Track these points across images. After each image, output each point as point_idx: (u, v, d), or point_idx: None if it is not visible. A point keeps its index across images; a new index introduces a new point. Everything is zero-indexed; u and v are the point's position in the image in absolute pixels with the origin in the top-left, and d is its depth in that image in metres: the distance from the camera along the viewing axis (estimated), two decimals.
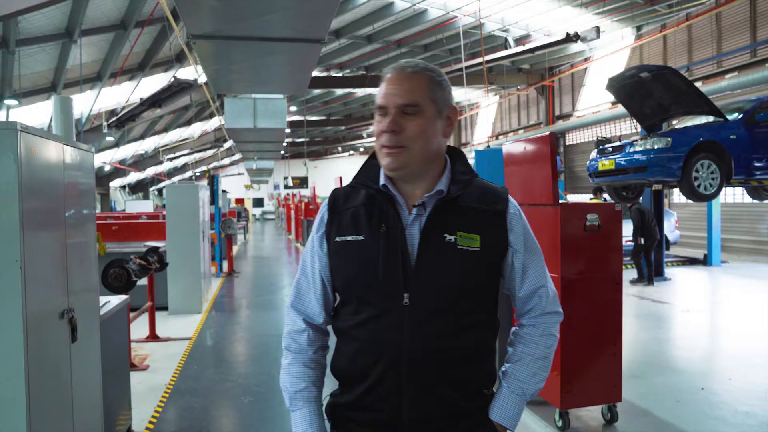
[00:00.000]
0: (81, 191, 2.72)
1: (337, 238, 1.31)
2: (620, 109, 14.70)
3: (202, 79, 11.25)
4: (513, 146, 3.99)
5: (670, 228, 11.96)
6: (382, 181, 1.29)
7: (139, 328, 6.19)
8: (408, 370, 1.23)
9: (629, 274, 10.26)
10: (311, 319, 1.39)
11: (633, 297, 8.27)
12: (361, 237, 1.28)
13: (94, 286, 2.95)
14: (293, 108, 23.87)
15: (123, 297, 3.63)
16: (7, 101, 12.17)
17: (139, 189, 37.45)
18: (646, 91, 7.41)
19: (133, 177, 33.59)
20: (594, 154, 7.90)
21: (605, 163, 7.53)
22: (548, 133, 3.45)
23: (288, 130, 26.15)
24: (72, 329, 2.54)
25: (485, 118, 26.61)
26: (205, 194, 8.80)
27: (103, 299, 3.42)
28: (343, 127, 29.74)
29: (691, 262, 11.95)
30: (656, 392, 4.34)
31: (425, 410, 1.25)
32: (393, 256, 1.24)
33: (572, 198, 18.58)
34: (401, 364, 1.22)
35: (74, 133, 3.78)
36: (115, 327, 3.46)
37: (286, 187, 31.34)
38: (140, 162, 29.07)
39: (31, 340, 2.12)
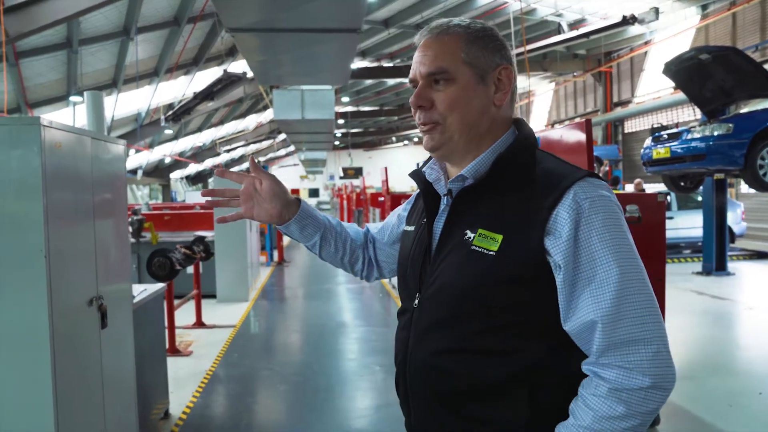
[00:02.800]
0: (110, 182, 2.80)
1: (403, 227, 1.29)
2: (683, 94, 13.93)
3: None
4: (549, 133, 3.83)
5: (736, 219, 11.27)
6: (428, 165, 1.16)
7: (187, 315, 6.39)
8: (410, 379, 1.10)
9: (691, 266, 9.76)
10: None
11: (690, 292, 7.84)
12: (411, 228, 1.21)
13: (126, 274, 3.04)
14: (346, 99, 23.99)
15: (159, 285, 3.74)
16: (72, 98, 12.82)
17: (198, 180, 38.74)
18: (706, 74, 6.99)
19: (193, 168, 34.79)
20: (648, 141, 7.54)
21: (660, 151, 7.16)
22: (584, 120, 3.29)
23: (341, 121, 26.43)
24: (102, 316, 2.62)
25: (540, 107, 25.91)
26: None
27: (140, 287, 3.54)
28: (396, 117, 29.65)
29: (759, 255, 11.23)
30: (707, 395, 4.09)
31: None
32: (418, 251, 1.13)
33: (629, 188, 17.81)
34: (406, 370, 1.11)
35: (105, 126, 3.92)
36: (151, 314, 3.57)
37: (341, 177, 31.67)
38: (199, 154, 30.04)
39: (57, 326, 2.20)
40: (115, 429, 2.78)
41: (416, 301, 1.09)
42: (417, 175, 1.18)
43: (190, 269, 6.41)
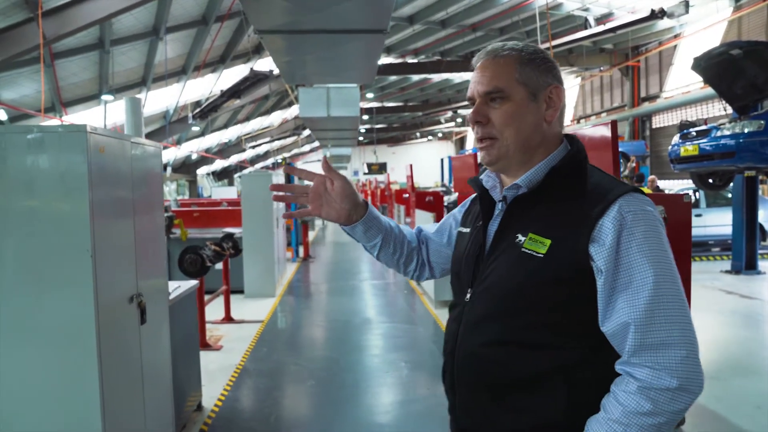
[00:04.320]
0: (148, 184, 2.92)
1: (458, 229, 1.38)
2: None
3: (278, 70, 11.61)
4: (576, 131, 3.85)
5: (767, 217, 11.03)
6: (485, 173, 1.26)
7: (216, 310, 6.56)
8: (457, 368, 1.20)
9: (720, 265, 9.61)
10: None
11: (719, 291, 7.74)
12: (467, 230, 1.32)
13: (162, 271, 3.16)
14: (370, 95, 24.07)
15: (193, 282, 3.87)
16: (104, 96, 13.15)
17: (224, 176, 39.29)
18: (737, 70, 6.87)
19: (219, 164, 35.28)
20: (676, 138, 7.45)
21: (688, 149, 7.08)
22: (610, 120, 3.30)
23: (366, 117, 26.52)
24: (141, 312, 2.75)
25: (566, 102, 25.58)
26: (279, 182, 9.15)
27: (174, 284, 3.67)
28: (421, 113, 29.66)
29: None
30: (734, 396, 4.06)
31: (473, 421, 1.18)
32: (473, 251, 1.23)
33: (661, 184, 17.54)
34: (455, 359, 1.21)
35: (143, 129, 4.07)
36: (186, 310, 3.70)
37: (366, 173, 31.78)
38: (225, 150, 30.45)
39: (102, 322, 2.32)
40: (154, 420, 2.92)
41: (468, 296, 1.20)
42: (475, 182, 1.29)
43: (219, 265, 6.56)
